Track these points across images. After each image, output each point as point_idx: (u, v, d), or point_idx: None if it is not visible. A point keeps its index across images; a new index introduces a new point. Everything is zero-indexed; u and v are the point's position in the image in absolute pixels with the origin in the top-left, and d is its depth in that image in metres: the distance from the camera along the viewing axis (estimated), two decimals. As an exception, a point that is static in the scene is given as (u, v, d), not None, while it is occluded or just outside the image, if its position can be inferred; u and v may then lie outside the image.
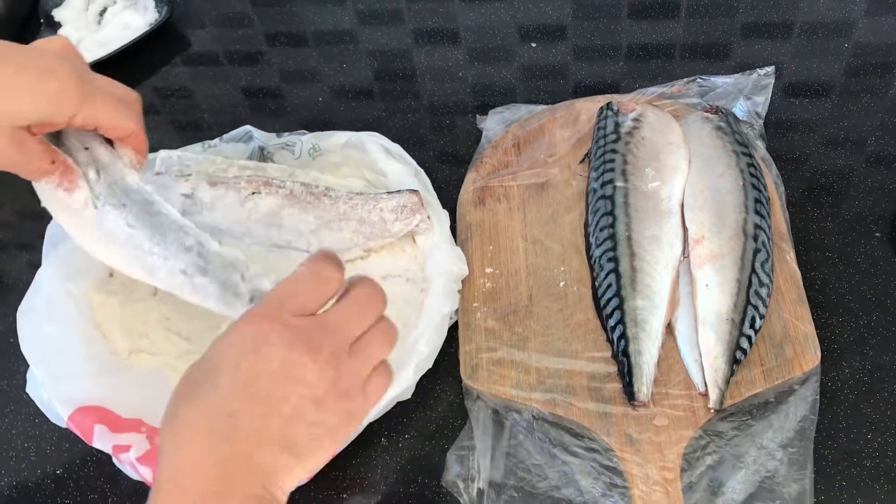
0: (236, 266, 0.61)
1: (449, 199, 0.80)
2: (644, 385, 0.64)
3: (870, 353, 0.67)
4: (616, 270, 0.69)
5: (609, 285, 0.69)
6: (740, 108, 0.82)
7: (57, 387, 0.66)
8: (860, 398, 0.65)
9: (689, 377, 0.65)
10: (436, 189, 0.78)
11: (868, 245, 0.74)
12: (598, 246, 0.71)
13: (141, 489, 0.67)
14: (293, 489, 0.53)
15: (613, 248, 0.70)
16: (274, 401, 0.48)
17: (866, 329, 0.69)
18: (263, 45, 1.02)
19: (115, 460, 0.67)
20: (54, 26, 1.04)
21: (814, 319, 0.67)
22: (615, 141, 0.76)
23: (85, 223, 0.64)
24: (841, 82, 0.87)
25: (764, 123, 0.82)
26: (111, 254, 0.64)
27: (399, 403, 0.67)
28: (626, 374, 0.65)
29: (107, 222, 0.63)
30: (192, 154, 0.76)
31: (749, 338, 0.65)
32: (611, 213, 0.72)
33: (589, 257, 0.73)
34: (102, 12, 1.06)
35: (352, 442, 0.65)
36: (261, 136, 0.83)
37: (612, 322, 0.68)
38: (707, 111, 0.80)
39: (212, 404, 0.48)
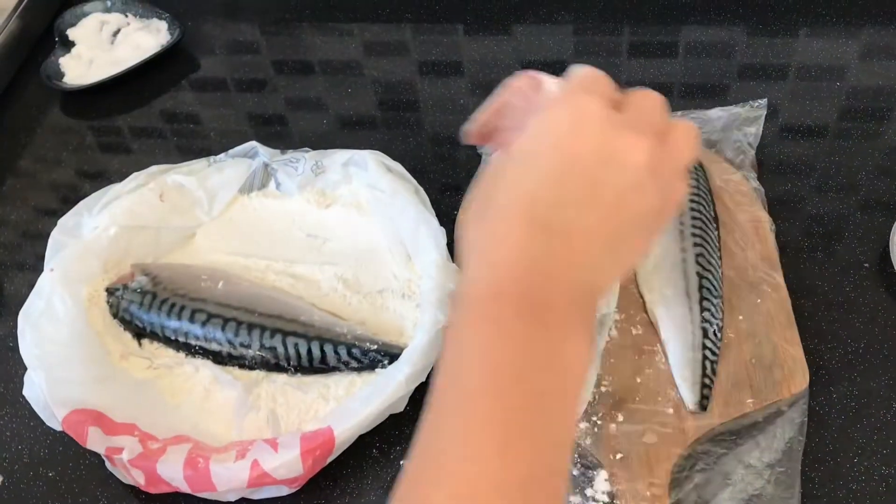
0: None
1: (449, 219, 0.80)
2: None
3: (857, 378, 0.68)
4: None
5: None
6: (733, 139, 0.83)
7: (54, 389, 0.67)
8: (847, 422, 0.66)
9: (678, 396, 0.66)
10: (435, 210, 0.79)
11: (857, 275, 0.75)
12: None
13: (133, 492, 0.68)
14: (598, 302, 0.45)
15: None
16: (598, 186, 0.42)
17: (854, 356, 0.70)
18: (271, 72, 1.05)
19: (107, 464, 0.68)
20: (68, 45, 1.06)
21: (803, 345, 0.68)
22: None
23: None
24: (835, 124, 0.89)
25: (758, 162, 0.84)
26: None
27: (392, 416, 0.67)
28: None
29: None
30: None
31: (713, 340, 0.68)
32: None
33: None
34: (116, 33, 1.08)
35: (343, 453, 0.66)
36: (265, 153, 0.85)
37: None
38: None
39: (530, 189, 0.42)
